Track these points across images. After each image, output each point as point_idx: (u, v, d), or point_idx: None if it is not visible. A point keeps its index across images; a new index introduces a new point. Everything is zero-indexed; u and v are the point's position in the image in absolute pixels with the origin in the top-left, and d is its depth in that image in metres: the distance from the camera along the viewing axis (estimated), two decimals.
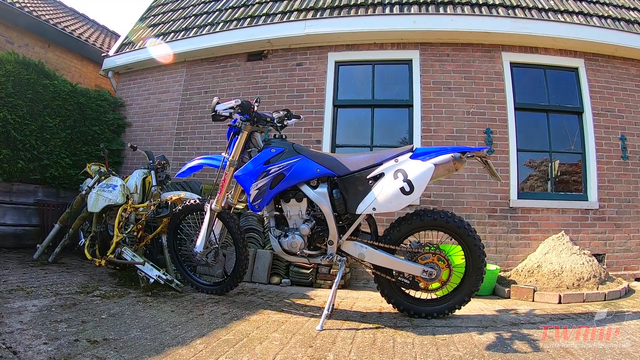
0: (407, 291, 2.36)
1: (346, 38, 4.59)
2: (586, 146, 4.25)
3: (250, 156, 2.43)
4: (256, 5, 5.35)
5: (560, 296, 3.02)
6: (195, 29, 5.40)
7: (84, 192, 3.64)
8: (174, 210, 3.00)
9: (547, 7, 4.59)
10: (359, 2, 4.84)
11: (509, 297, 3.21)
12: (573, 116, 4.38)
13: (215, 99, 2.37)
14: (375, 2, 4.80)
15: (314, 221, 2.33)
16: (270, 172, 2.25)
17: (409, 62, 4.50)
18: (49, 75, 4.41)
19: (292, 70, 4.76)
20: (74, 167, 4.55)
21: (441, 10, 4.57)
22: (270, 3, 5.28)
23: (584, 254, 3.55)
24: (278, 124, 2.59)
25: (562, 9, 4.59)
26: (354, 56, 4.66)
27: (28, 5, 6.24)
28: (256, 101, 2.45)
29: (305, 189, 2.30)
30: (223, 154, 2.50)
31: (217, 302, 2.55)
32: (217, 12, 5.58)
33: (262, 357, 1.62)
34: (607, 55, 4.39)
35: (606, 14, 4.59)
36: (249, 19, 5.12)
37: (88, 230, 3.59)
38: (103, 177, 3.56)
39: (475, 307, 2.70)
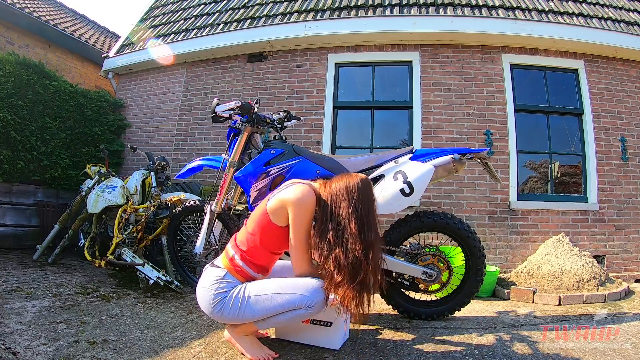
0: (406, 293, 2.35)
1: (346, 39, 4.59)
2: (586, 148, 4.25)
3: (250, 157, 2.43)
4: (256, 7, 5.36)
5: (560, 298, 3.02)
6: (195, 30, 5.41)
7: (83, 193, 3.64)
8: (173, 211, 3.00)
9: (547, 9, 4.60)
10: (359, 4, 4.85)
11: (509, 299, 3.21)
12: (573, 118, 4.39)
13: (215, 100, 2.37)
14: (376, 3, 4.81)
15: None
16: (270, 173, 2.25)
17: (409, 64, 4.51)
18: (49, 76, 4.41)
19: (292, 71, 4.77)
20: (74, 168, 4.56)
21: (441, 11, 4.58)
22: (271, 4, 5.29)
23: (584, 255, 3.55)
24: (278, 125, 2.59)
25: (562, 10, 4.60)
26: (354, 58, 4.67)
27: (29, 6, 6.25)
28: (256, 102, 2.45)
29: None
30: (223, 155, 2.50)
31: None
32: (217, 14, 5.59)
33: None
34: (607, 56, 4.39)
35: (606, 16, 4.60)
36: (249, 21, 5.13)
37: (88, 231, 3.60)
38: (103, 178, 3.57)
39: (475, 308, 2.70)
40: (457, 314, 2.34)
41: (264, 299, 1.56)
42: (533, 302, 3.08)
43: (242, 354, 1.65)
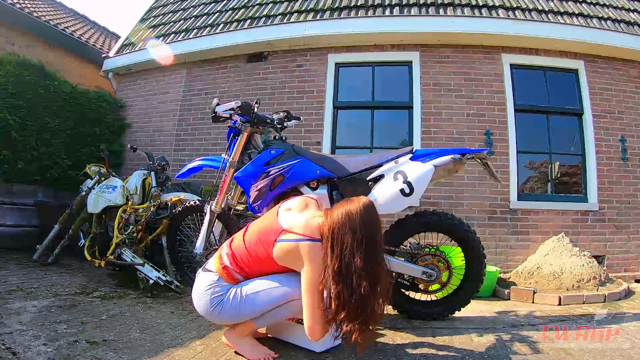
0: (406, 293, 2.35)
1: (346, 39, 4.59)
2: (586, 148, 4.25)
3: (250, 157, 2.43)
4: (256, 7, 5.36)
5: (560, 298, 3.01)
6: (195, 30, 5.41)
7: (84, 193, 3.64)
8: (174, 211, 3.00)
9: (547, 9, 4.60)
10: (359, 4, 4.85)
11: (509, 299, 3.21)
12: (573, 118, 4.39)
13: (215, 100, 2.37)
14: (376, 3, 4.81)
15: None
16: (270, 173, 2.25)
17: (409, 64, 4.51)
18: (49, 76, 4.41)
19: (292, 71, 4.76)
20: (74, 168, 4.54)
21: (441, 11, 4.58)
22: (271, 4, 5.29)
23: (584, 255, 3.55)
24: (278, 126, 2.59)
25: (562, 10, 4.60)
26: (354, 58, 4.67)
27: (29, 6, 6.25)
28: (256, 102, 2.45)
29: (305, 190, 2.29)
30: (223, 155, 2.50)
31: None
32: (217, 14, 5.59)
33: None
34: (607, 56, 4.39)
35: (606, 16, 4.60)
36: (249, 21, 5.13)
37: (88, 231, 3.59)
38: (103, 178, 3.56)
39: (475, 308, 2.69)
40: (457, 314, 2.34)
41: (262, 295, 1.57)
42: (533, 302, 3.08)
43: (241, 355, 1.65)
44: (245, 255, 1.62)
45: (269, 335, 1.89)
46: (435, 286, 2.26)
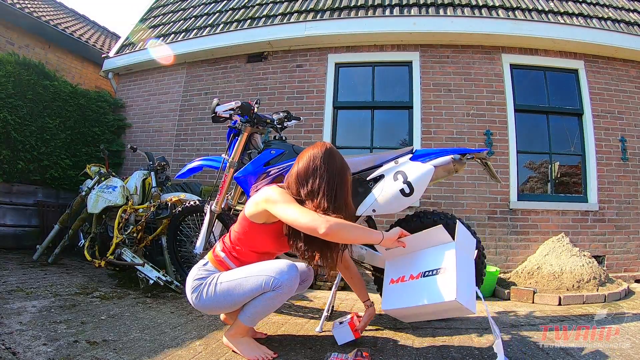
0: None
1: (346, 40, 4.59)
2: (586, 148, 4.25)
3: (250, 158, 2.43)
4: (256, 7, 5.36)
5: (560, 298, 3.02)
6: (195, 31, 5.41)
7: (83, 193, 3.64)
8: (173, 211, 3.00)
9: (547, 9, 4.60)
10: (359, 4, 4.85)
11: (509, 299, 3.21)
12: (573, 118, 4.39)
13: (215, 101, 2.37)
14: (376, 3, 4.81)
15: None
16: (270, 173, 2.25)
17: (409, 64, 4.51)
18: (49, 76, 4.42)
19: (292, 71, 4.77)
20: (74, 168, 4.56)
21: (441, 12, 4.58)
22: (271, 4, 5.29)
23: (584, 255, 3.55)
24: (278, 126, 2.59)
25: (562, 10, 4.60)
26: (354, 58, 4.67)
27: (29, 6, 6.25)
28: (256, 102, 2.45)
29: None
30: (223, 155, 2.50)
31: None
32: (217, 14, 5.59)
33: None
34: (607, 57, 4.39)
35: (606, 16, 4.60)
36: (249, 21, 5.13)
37: (88, 231, 3.60)
38: (103, 178, 3.57)
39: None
40: None
41: (234, 286, 1.58)
42: (533, 302, 3.08)
43: (240, 355, 1.65)
44: (234, 233, 1.71)
45: (268, 334, 1.89)
46: None
